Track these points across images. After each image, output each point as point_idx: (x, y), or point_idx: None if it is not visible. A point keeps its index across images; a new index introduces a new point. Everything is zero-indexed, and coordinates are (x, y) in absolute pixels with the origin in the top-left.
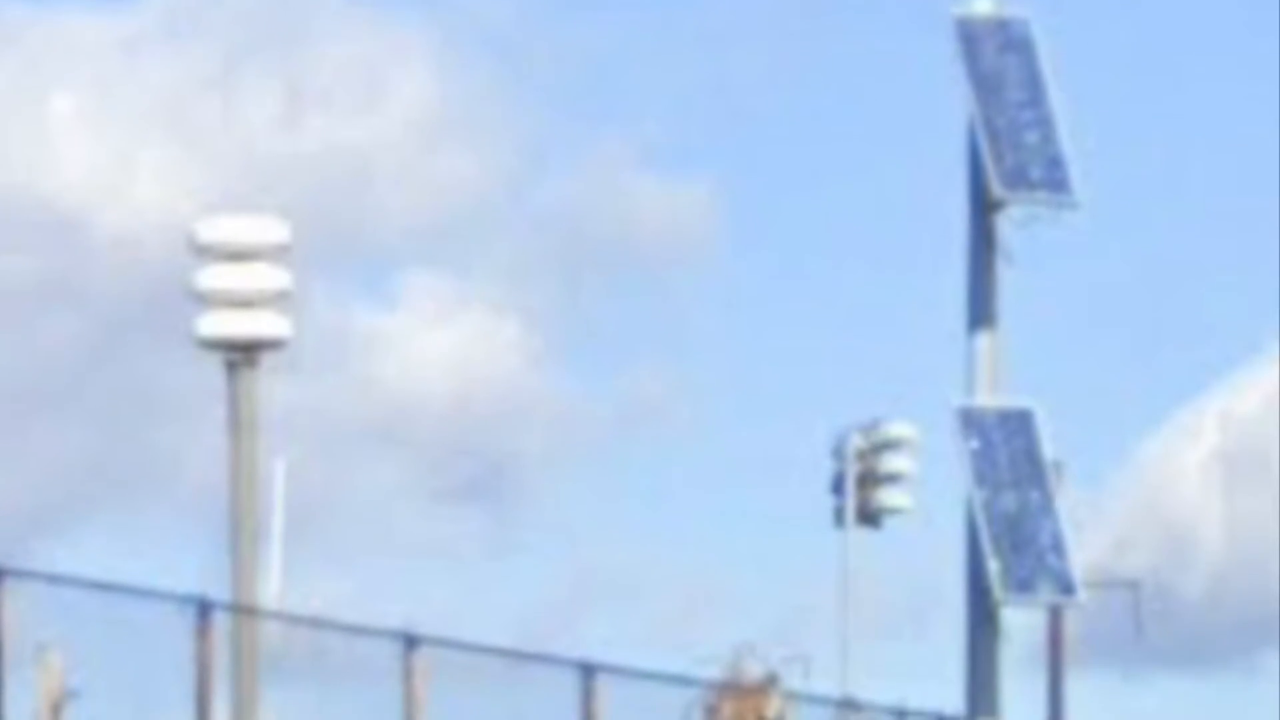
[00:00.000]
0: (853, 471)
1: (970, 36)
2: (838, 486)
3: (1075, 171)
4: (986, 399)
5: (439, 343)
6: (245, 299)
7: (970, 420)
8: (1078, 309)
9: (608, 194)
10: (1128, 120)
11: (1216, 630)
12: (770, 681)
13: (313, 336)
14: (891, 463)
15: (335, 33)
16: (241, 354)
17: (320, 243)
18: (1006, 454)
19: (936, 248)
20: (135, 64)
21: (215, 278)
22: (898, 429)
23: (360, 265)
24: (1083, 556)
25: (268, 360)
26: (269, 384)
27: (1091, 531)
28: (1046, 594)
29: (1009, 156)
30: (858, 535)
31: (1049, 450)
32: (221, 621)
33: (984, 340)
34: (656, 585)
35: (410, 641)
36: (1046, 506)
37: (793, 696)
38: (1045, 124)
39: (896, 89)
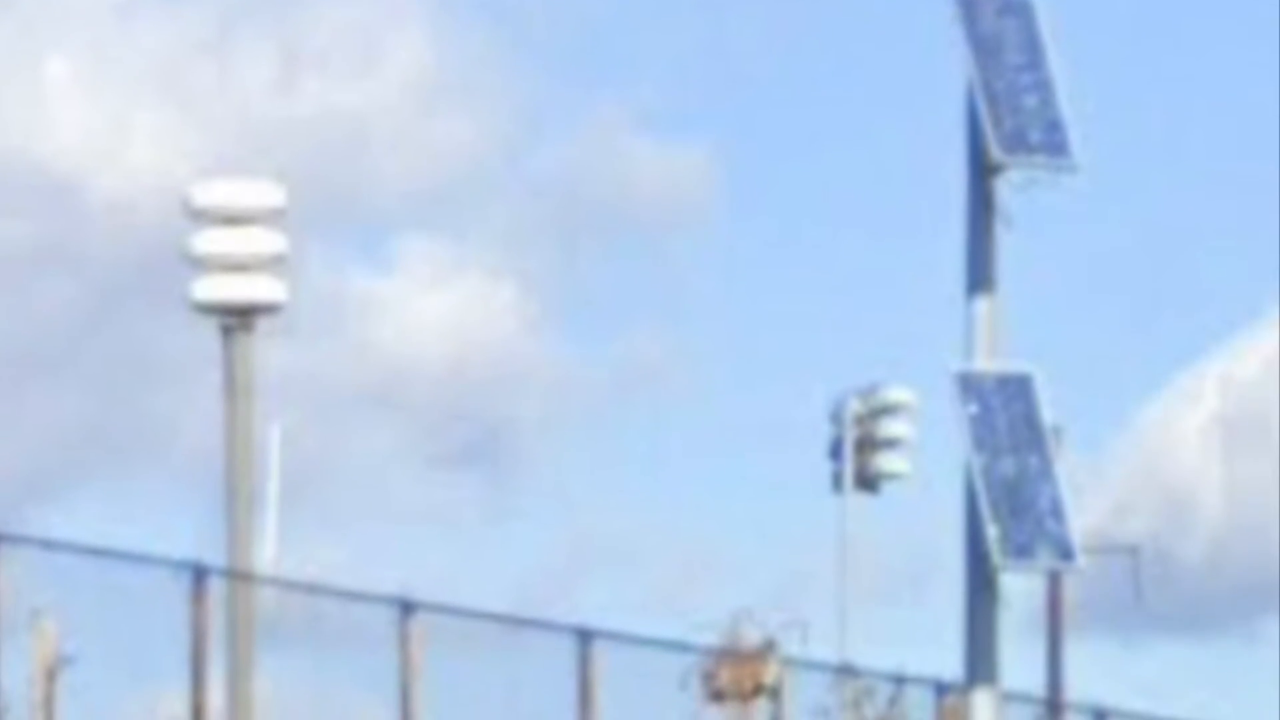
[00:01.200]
0: (851, 436)
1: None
2: (836, 451)
3: (1075, 135)
4: (985, 364)
5: (435, 307)
6: (241, 263)
7: (969, 385)
8: (1077, 273)
9: (604, 158)
10: (1128, 84)
11: (1216, 596)
12: (768, 647)
13: (308, 301)
14: (890, 428)
15: None
16: (237, 318)
17: (316, 207)
18: (1005, 419)
19: (935, 212)
20: (130, 27)
21: (210, 242)
22: (896, 394)
23: (356, 229)
24: (1082, 522)
25: (263, 325)
26: (265, 348)
27: (1091, 497)
28: (1045, 559)
29: (1008, 120)
30: (856, 500)
31: (1048, 415)
32: (217, 587)
33: (983, 305)
34: (654, 551)
35: (406, 607)
36: (1045, 472)
37: (790, 662)
38: (1044, 87)
39: (894, 52)
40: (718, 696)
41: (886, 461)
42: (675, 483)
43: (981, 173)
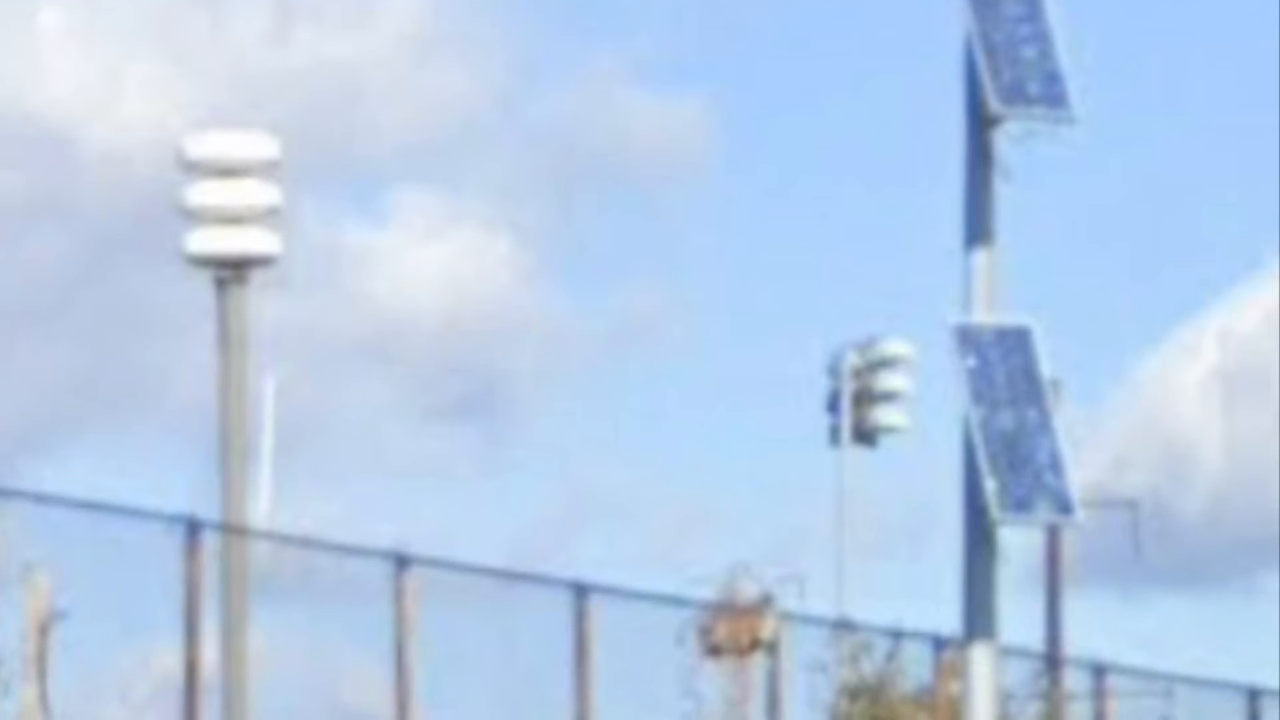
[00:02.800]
0: (848, 390)
1: None
2: (833, 405)
3: (1073, 87)
4: (983, 316)
5: (430, 259)
6: (235, 215)
7: (967, 338)
8: (1076, 225)
9: (601, 110)
10: (1127, 35)
11: (1215, 550)
12: (765, 602)
13: (303, 253)
14: (887, 381)
15: None
16: (231, 271)
17: (311, 159)
18: (1004, 372)
19: (933, 164)
20: None
21: (205, 194)
22: (894, 347)
23: (351, 181)
24: (1081, 476)
25: (257, 277)
26: (259, 301)
27: (1090, 450)
28: (1044, 513)
29: (1006, 72)
30: (853, 454)
31: (1047, 368)
32: (210, 541)
33: (981, 257)
34: (650, 505)
35: (401, 561)
36: (1044, 425)
37: (788, 617)
38: (1043, 39)
39: (892, 3)
40: (714, 651)
41: (884, 415)
42: (672, 436)
43: (980, 125)
